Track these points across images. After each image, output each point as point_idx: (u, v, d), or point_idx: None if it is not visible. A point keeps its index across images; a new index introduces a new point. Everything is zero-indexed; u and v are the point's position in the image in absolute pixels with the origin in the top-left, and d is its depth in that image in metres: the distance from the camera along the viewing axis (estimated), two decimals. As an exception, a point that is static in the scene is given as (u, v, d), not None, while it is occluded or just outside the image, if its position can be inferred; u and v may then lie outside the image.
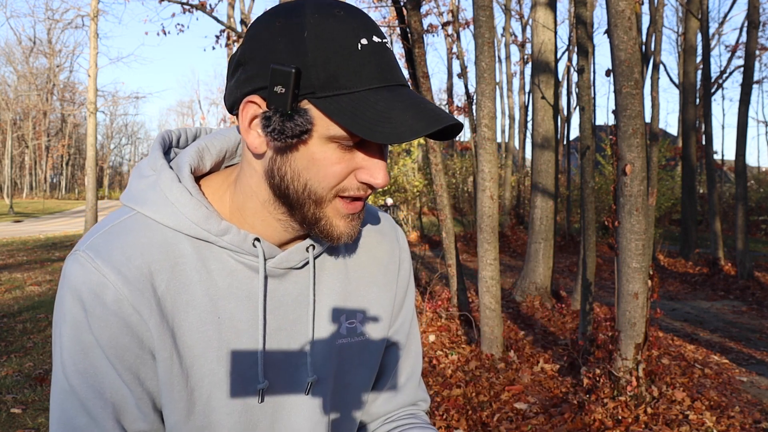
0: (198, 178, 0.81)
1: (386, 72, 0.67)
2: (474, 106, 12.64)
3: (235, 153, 0.85)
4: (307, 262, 0.80)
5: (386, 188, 22.74)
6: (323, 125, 0.66)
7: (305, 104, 0.66)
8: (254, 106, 0.68)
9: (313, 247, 0.80)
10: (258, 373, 0.77)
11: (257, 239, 0.75)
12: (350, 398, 0.89)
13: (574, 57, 18.72)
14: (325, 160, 0.68)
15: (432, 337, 5.68)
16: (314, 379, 0.81)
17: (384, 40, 0.68)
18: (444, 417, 3.84)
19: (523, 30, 23.27)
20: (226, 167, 0.85)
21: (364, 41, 0.65)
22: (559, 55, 16.57)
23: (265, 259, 0.76)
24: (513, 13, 21.98)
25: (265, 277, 0.77)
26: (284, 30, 0.66)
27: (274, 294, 0.79)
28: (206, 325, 0.74)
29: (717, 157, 31.26)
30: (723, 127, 33.93)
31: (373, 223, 0.93)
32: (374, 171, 0.69)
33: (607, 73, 4.27)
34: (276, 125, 0.65)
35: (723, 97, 55.02)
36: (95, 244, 0.71)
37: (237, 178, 0.76)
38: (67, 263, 0.71)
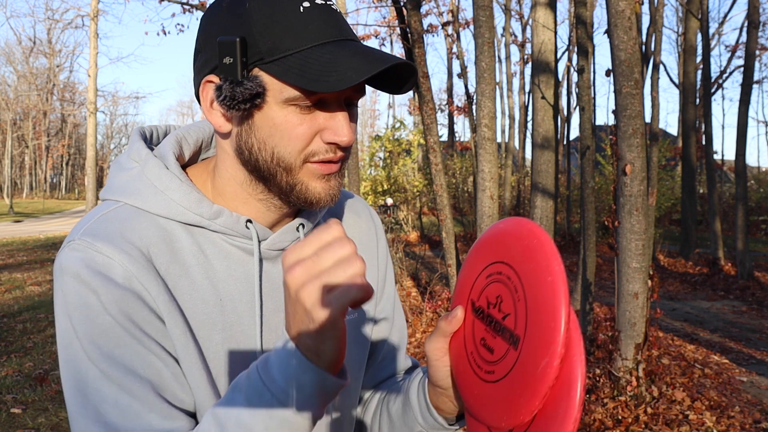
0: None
1: (332, 28, 0.67)
2: (474, 106, 12.63)
3: (210, 144, 0.85)
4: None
5: (386, 188, 22.78)
6: (277, 89, 0.67)
7: (256, 72, 0.67)
8: (211, 85, 0.70)
9: (303, 226, 0.79)
10: (257, 356, 0.75)
11: (249, 221, 0.75)
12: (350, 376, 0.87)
13: (574, 57, 18.72)
14: (286, 123, 0.68)
15: (432, 337, 5.68)
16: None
17: (329, 2, 0.68)
18: (444, 417, 3.84)
19: (523, 30, 23.27)
20: (203, 159, 0.84)
21: (306, 4, 0.66)
22: (559, 55, 16.58)
23: (259, 241, 0.76)
24: (513, 13, 21.98)
25: (261, 259, 0.76)
26: (230, 8, 0.68)
27: (269, 276, 0.78)
28: (210, 308, 0.73)
29: (717, 157, 31.27)
30: (723, 127, 33.96)
31: (347, 204, 0.94)
32: (338, 129, 0.68)
33: (607, 73, 4.27)
34: (227, 92, 0.66)
35: (723, 97, 55.02)
36: (91, 230, 0.68)
37: (215, 166, 0.77)
38: (61, 256, 0.68)
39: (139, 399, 0.66)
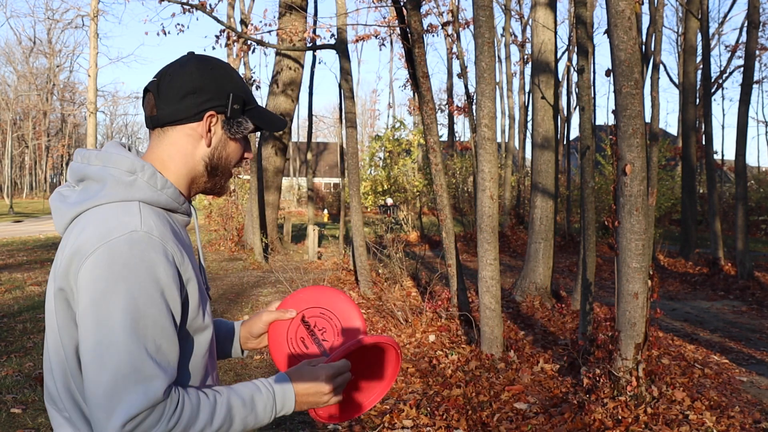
0: None
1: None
2: (474, 106, 12.62)
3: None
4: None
5: (386, 188, 22.71)
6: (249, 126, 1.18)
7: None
8: (212, 116, 1.12)
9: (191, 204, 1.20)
10: (206, 299, 1.15)
11: (190, 202, 1.16)
12: None
13: (574, 57, 18.71)
14: (239, 147, 1.19)
15: (432, 337, 5.68)
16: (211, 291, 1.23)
17: None
18: (444, 417, 3.84)
19: (523, 30, 23.26)
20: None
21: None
22: (559, 55, 16.55)
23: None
24: (513, 13, 21.96)
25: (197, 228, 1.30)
26: (219, 73, 1.12)
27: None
28: (196, 270, 1.09)
29: (717, 157, 31.24)
30: (723, 127, 33.91)
31: None
32: (249, 152, 1.22)
33: (607, 73, 4.26)
34: (244, 125, 1.16)
35: (723, 97, 54.85)
36: (146, 226, 0.99)
37: (165, 167, 1.11)
38: (129, 242, 0.96)
39: (171, 325, 1.00)
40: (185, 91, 1.08)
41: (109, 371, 0.91)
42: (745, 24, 16.43)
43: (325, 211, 28.94)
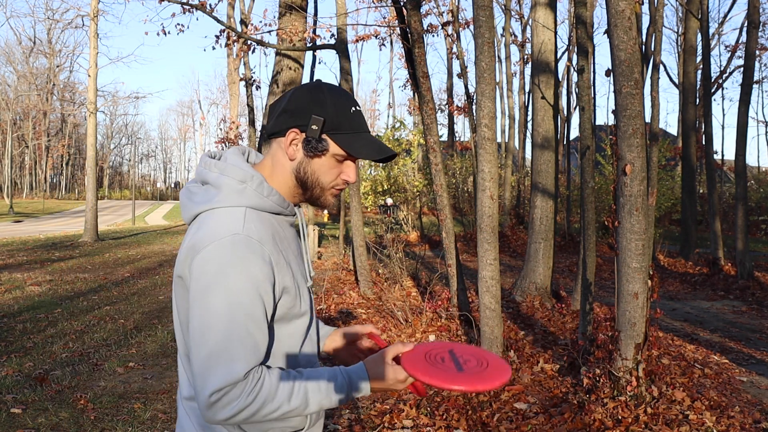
0: None
1: (363, 124, 1.30)
2: (474, 106, 12.62)
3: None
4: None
5: (386, 188, 22.75)
6: (333, 148, 1.27)
7: (325, 136, 1.26)
8: (294, 134, 1.26)
9: (299, 206, 1.39)
10: (309, 290, 1.34)
11: (297, 206, 1.35)
12: None
13: (574, 57, 18.71)
14: (329, 166, 1.28)
15: (432, 337, 5.68)
16: (311, 285, 1.38)
17: (359, 108, 1.30)
18: (444, 417, 3.83)
19: (523, 30, 23.25)
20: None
21: (353, 108, 1.28)
22: (559, 55, 16.56)
23: (301, 218, 1.39)
24: (513, 13, 21.95)
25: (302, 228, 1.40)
26: (314, 97, 1.25)
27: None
28: (298, 265, 1.29)
29: (717, 157, 31.22)
30: (723, 127, 33.88)
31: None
32: (351, 174, 1.31)
33: (607, 73, 4.26)
34: (314, 144, 1.25)
35: (723, 97, 54.89)
36: (247, 230, 1.17)
37: (271, 175, 1.30)
38: (232, 244, 1.13)
39: (263, 319, 1.18)
40: (282, 109, 1.28)
41: (206, 349, 1.12)
42: (745, 24, 16.42)
43: (325, 211, 28.95)
